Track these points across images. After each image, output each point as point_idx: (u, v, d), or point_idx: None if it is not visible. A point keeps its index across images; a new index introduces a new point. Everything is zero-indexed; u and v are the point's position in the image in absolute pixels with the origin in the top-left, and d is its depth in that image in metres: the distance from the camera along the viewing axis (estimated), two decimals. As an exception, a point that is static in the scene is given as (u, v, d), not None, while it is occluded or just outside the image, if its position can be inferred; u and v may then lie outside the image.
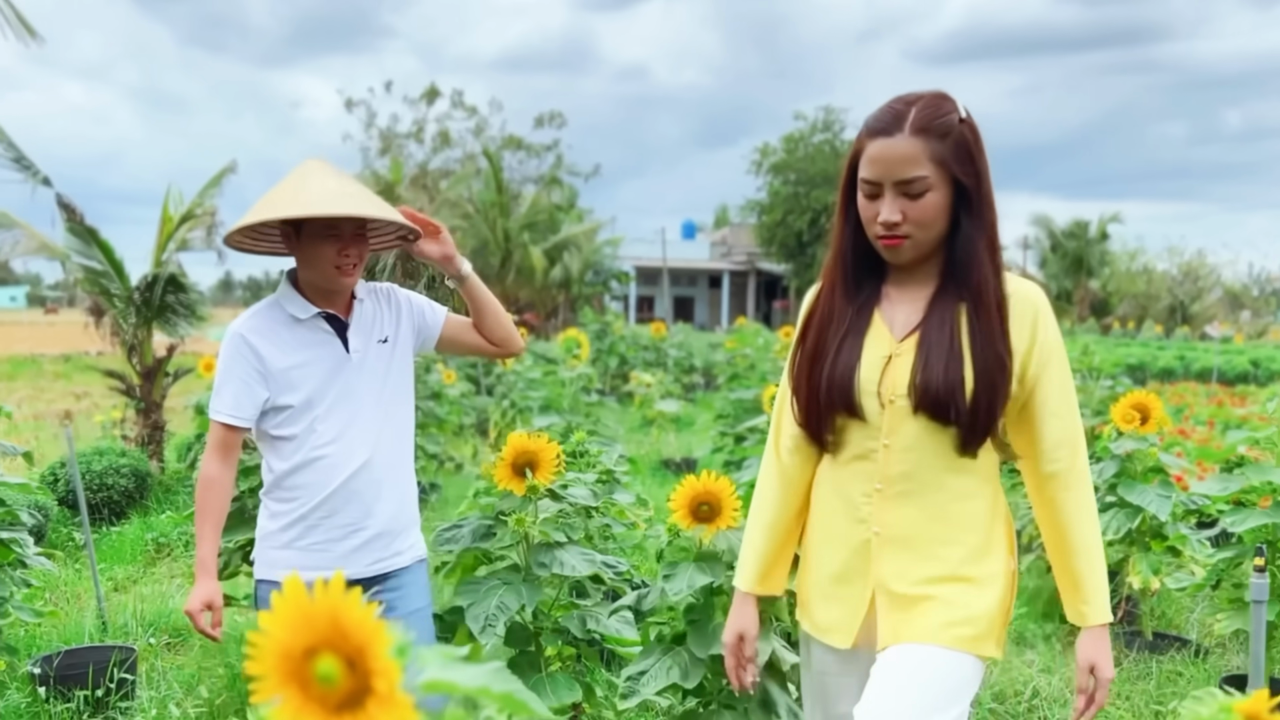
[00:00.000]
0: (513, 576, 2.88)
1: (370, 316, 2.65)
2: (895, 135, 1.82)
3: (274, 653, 0.77)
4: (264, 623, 0.78)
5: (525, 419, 7.55)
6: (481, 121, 35.36)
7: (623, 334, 16.11)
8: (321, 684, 0.76)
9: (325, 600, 0.76)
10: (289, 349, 2.54)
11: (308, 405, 2.53)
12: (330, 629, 0.77)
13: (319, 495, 2.54)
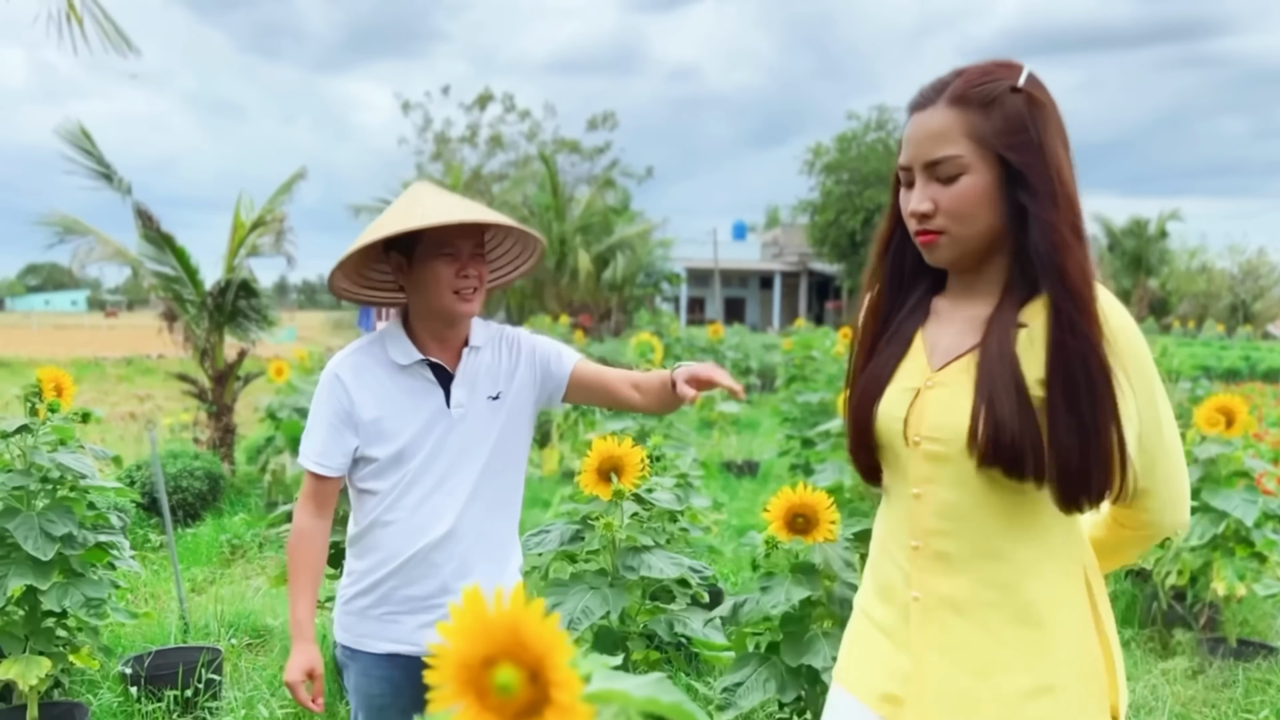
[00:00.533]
0: (598, 580, 2.89)
1: (483, 368, 2.34)
2: (929, 108, 1.51)
3: (453, 662, 0.78)
4: (443, 632, 0.79)
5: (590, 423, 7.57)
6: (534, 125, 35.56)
7: (678, 335, 16.11)
8: (500, 694, 0.77)
9: (505, 611, 0.77)
10: (384, 396, 2.27)
11: (397, 461, 2.26)
12: (510, 639, 0.77)
13: (392, 562, 2.28)
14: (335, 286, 2.31)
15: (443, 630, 0.79)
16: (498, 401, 2.32)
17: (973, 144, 1.46)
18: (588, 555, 3.09)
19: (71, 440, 3.60)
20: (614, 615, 2.84)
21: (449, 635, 0.78)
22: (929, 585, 1.56)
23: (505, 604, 0.76)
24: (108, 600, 3.46)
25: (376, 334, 2.33)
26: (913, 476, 1.57)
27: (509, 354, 2.38)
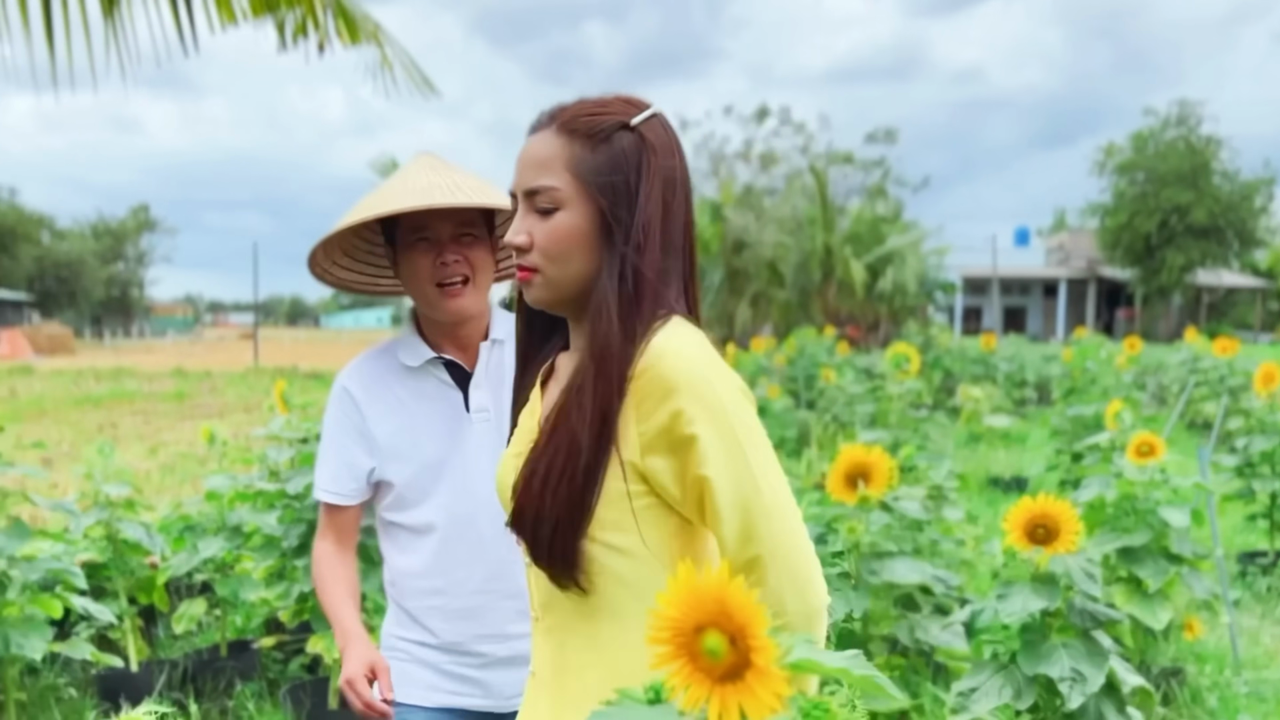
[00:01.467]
0: (841, 583, 2.98)
1: (510, 366, 1.85)
2: (540, 132, 1.36)
3: (669, 629, 0.94)
4: (662, 601, 0.95)
5: (847, 433, 7.61)
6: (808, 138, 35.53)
7: (949, 346, 15.73)
8: (708, 657, 0.93)
9: (713, 585, 0.92)
10: (396, 406, 1.98)
11: (423, 483, 1.95)
12: (717, 610, 0.93)
13: (444, 611, 1.96)
14: (323, 275, 2.08)
15: (662, 600, 0.95)
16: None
17: (573, 178, 1.33)
18: (833, 559, 3.19)
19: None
20: (855, 617, 2.93)
21: (668, 604, 0.94)
22: (543, 660, 1.42)
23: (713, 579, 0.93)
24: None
25: (389, 339, 2.09)
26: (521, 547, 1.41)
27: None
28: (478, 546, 1.91)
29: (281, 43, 4.42)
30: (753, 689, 0.92)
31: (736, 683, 0.94)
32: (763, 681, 0.92)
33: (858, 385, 9.09)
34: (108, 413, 16.72)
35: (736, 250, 22.10)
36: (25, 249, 55.57)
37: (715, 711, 0.93)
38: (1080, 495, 4.09)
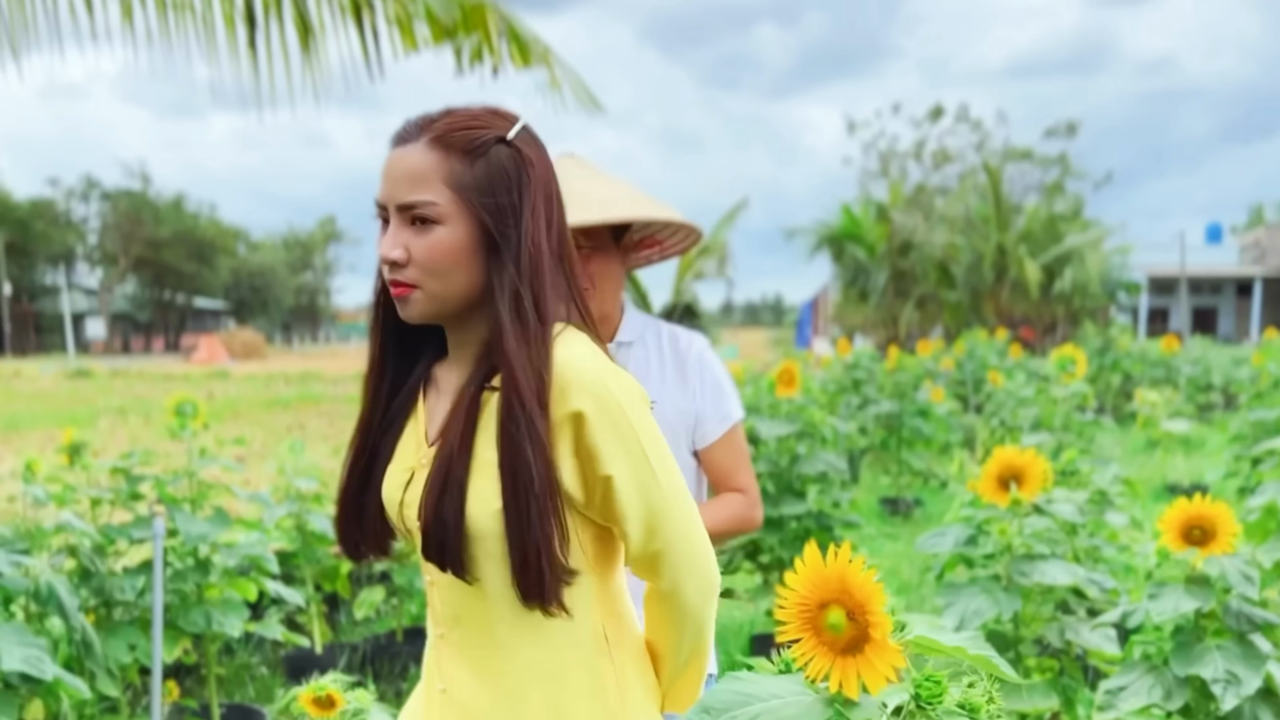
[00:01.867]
0: (992, 585, 3.00)
1: (636, 368, 2.04)
2: (410, 144, 1.34)
3: (795, 604, 1.05)
4: (789, 580, 1.05)
5: (1014, 437, 7.45)
6: (985, 135, 34.63)
7: (1128, 349, 15.13)
8: (830, 631, 1.03)
9: (836, 565, 1.02)
10: None
11: None
12: (839, 588, 1.03)
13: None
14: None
15: (789, 579, 1.06)
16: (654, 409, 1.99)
17: (452, 193, 1.33)
18: (984, 560, 3.20)
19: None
20: (1005, 618, 2.94)
21: (794, 583, 1.05)
22: (450, 676, 1.43)
23: (836, 558, 1.03)
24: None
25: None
26: (423, 563, 1.42)
27: (674, 360, 2.10)
28: None
29: (459, 67, 4.69)
30: (871, 661, 1.02)
31: (856, 655, 1.04)
32: (880, 654, 1.02)
33: (1029, 389, 8.89)
34: (296, 414, 17.63)
35: (903, 251, 21.77)
36: (223, 260, 59.14)
37: (836, 681, 1.03)
38: (1253, 501, 3.96)
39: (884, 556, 6.57)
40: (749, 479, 2.16)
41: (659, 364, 2.08)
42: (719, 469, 2.13)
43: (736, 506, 2.12)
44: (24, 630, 2.79)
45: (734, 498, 2.13)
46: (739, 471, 2.14)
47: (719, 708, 1.10)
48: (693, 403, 2.07)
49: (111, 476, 3.71)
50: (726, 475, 2.13)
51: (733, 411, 2.12)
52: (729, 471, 2.13)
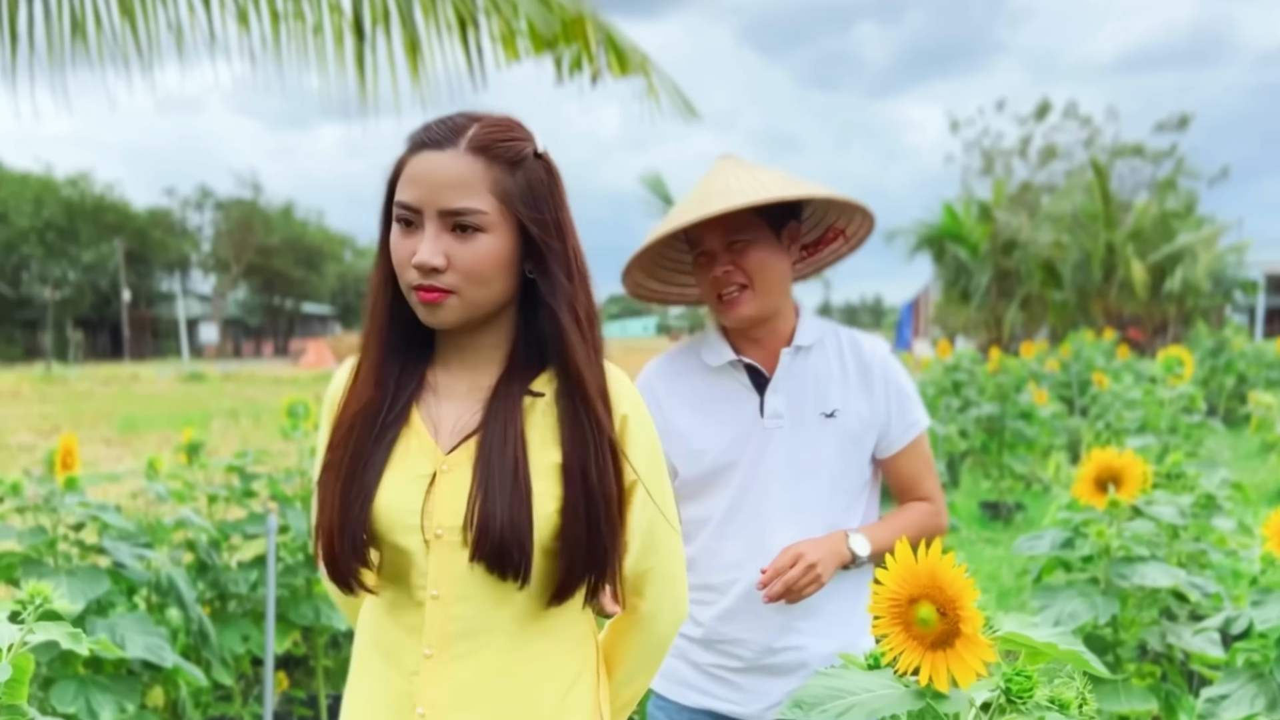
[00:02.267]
0: (1089, 588, 2.96)
1: (815, 373, 2.00)
2: (446, 150, 1.33)
3: (886, 599, 1.07)
4: (880, 576, 1.07)
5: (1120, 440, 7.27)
6: (1094, 131, 33.72)
7: (1243, 350, 14.61)
8: (920, 625, 1.06)
9: (927, 561, 1.05)
10: (693, 404, 2.00)
11: (708, 481, 1.97)
12: (930, 583, 1.05)
13: (712, 608, 1.99)
14: (633, 287, 2.13)
15: (880, 574, 1.08)
16: (833, 421, 1.97)
17: (498, 202, 1.34)
18: (1082, 563, 3.15)
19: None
20: (1101, 621, 2.90)
21: (885, 579, 1.07)
22: (436, 695, 1.39)
23: (927, 554, 1.05)
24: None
25: (695, 337, 2.12)
26: (433, 575, 1.38)
27: (857, 369, 2.01)
28: (755, 552, 1.91)
29: (559, 76, 4.78)
30: (961, 655, 1.04)
31: (946, 650, 1.06)
32: (970, 649, 1.04)
33: (1136, 390, 8.68)
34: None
35: (1007, 251, 21.35)
36: (330, 266, 60.66)
37: (926, 674, 1.05)
38: (1371, 507, 3.83)
39: (983, 561, 6.48)
40: (934, 486, 2.11)
41: (840, 369, 2.00)
42: (905, 477, 2.07)
43: (926, 515, 2.07)
44: (146, 620, 2.93)
45: (922, 506, 2.09)
46: (925, 479, 2.08)
47: (811, 701, 1.12)
48: (878, 410, 1.99)
49: (226, 475, 3.88)
50: (913, 484, 2.08)
51: (919, 419, 2.05)
52: (915, 480, 2.08)
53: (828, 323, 2.06)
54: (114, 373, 34.72)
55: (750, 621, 1.96)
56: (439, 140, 1.34)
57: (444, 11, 4.35)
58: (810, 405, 1.96)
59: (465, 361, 1.44)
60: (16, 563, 2.84)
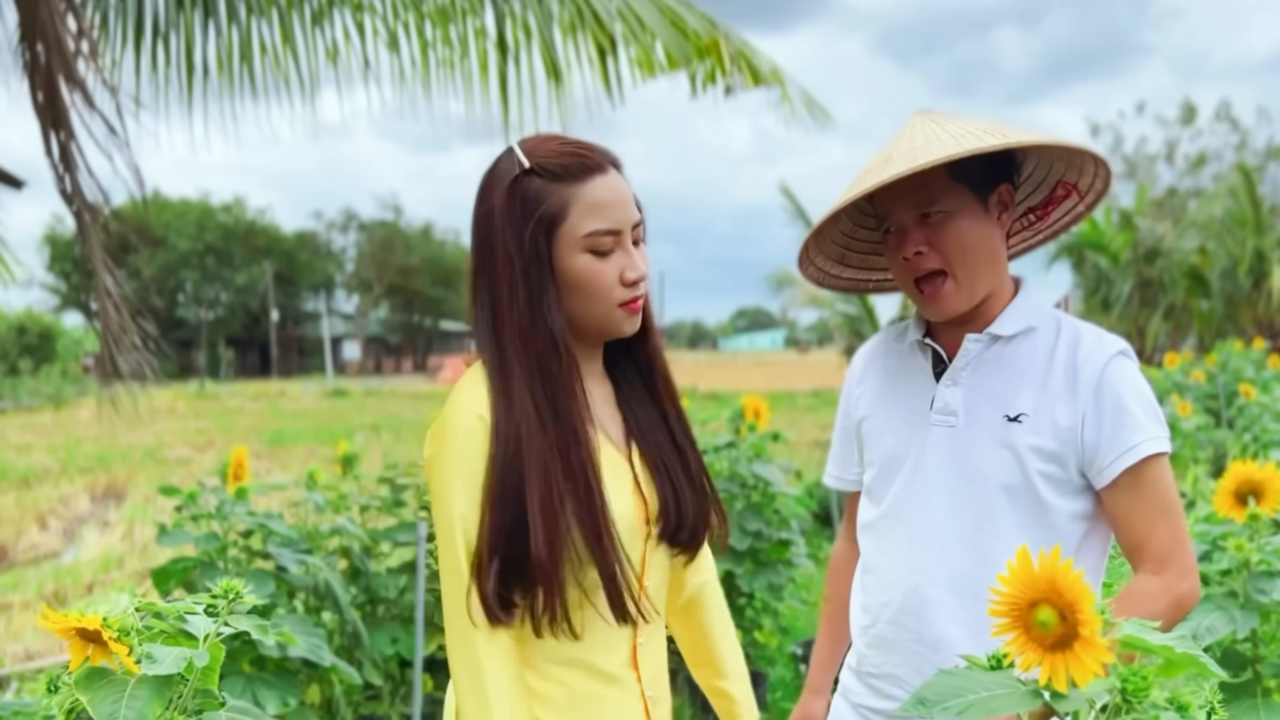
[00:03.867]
0: (1227, 602, 2.92)
1: (1006, 368, 1.61)
2: (610, 171, 1.41)
3: (1007, 603, 1.13)
4: (1001, 580, 1.11)
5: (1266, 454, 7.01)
6: (1244, 134, 32.32)
7: None
8: (1040, 629, 1.10)
9: (1046, 567, 1.10)
10: (879, 388, 1.76)
11: (880, 482, 1.71)
12: (1049, 588, 1.10)
13: (871, 616, 1.71)
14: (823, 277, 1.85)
15: (1001, 579, 1.13)
16: (1018, 426, 1.56)
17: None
18: (1221, 576, 3.11)
19: (764, 455, 4.38)
20: (1240, 635, 2.86)
21: (1006, 583, 1.13)
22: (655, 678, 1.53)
23: (1047, 561, 1.11)
24: (785, 588, 4.16)
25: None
26: (649, 570, 1.49)
27: (1066, 370, 1.57)
28: (906, 571, 1.64)
29: (693, 91, 4.92)
30: (1079, 657, 1.08)
31: (1065, 651, 1.10)
32: (1088, 651, 1.08)
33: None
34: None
35: (1149, 259, 20.62)
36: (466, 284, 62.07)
37: (1045, 675, 1.10)
38: None
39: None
40: (1169, 541, 1.53)
41: (1046, 367, 1.59)
42: (1122, 525, 1.56)
43: (1151, 602, 1.49)
44: (306, 621, 3.13)
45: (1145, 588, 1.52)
46: (1152, 532, 1.53)
47: (934, 699, 1.19)
48: (1080, 422, 1.55)
49: (377, 485, 4.10)
50: (1133, 536, 1.55)
51: (1140, 443, 1.52)
52: (1135, 530, 1.55)
53: (1051, 311, 1.66)
54: (262, 389, 36.26)
55: (902, 656, 1.64)
56: (598, 164, 1.40)
57: (585, 44, 4.52)
58: (995, 405, 1.59)
59: (594, 369, 1.53)
60: (192, 566, 3.08)
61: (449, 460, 1.38)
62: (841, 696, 1.81)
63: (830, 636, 1.91)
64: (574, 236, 1.38)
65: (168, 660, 1.39)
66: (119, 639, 1.37)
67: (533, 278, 1.39)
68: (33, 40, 3.51)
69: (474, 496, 1.37)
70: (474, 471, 1.37)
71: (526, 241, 1.38)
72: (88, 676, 1.38)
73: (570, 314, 1.42)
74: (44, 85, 3.54)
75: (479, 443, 1.38)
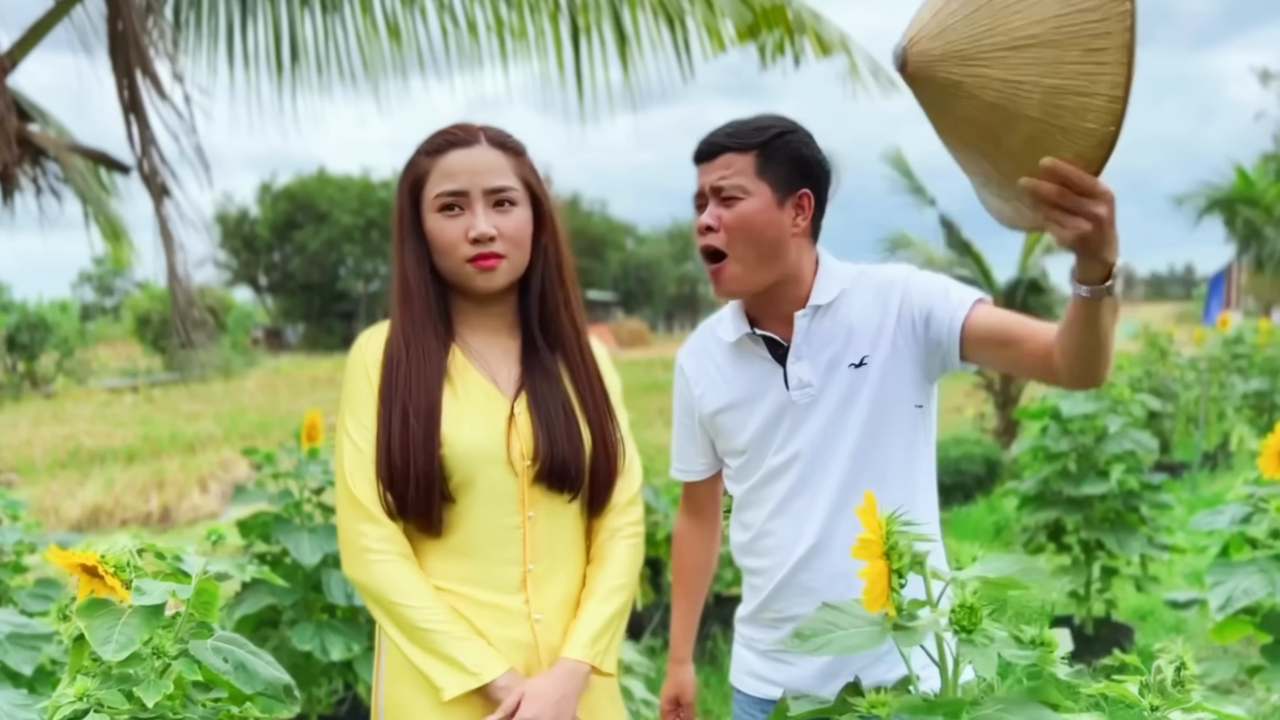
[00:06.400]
0: (1271, 564, 2.88)
1: (837, 330, 1.79)
2: (473, 146, 1.68)
3: (864, 545, 1.23)
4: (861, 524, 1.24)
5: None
6: None
7: None
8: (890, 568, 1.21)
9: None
10: (723, 381, 1.89)
11: (749, 461, 1.87)
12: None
13: (767, 587, 1.87)
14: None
15: (861, 519, 1.25)
16: (862, 369, 1.76)
17: (520, 182, 1.71)
18: (1270, 538, 3.06)
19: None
20: (1279, 598, 2.83)
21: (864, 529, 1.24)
22: (546, 605, 1.71)
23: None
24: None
25: (723, 309, 1.93)
26: (529, 498, 1.70)
27: (878, 304, 1.77)
28: (797, 527, 1.82)
29: (762, 63, 4.98)
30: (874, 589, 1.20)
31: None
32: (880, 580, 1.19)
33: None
34: (668, 397, 18.53)
35: (1310, 213, 19.41)
36: (612, 254, 62.81)
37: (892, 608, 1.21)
38: None
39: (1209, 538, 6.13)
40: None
41: (869, 314, 1.79)
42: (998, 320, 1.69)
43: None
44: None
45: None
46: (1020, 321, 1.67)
47: (808, 633, 1.29)
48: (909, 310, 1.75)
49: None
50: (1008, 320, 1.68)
51: (970, 294, 1.74)
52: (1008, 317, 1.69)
53: (851, 267, 1.85)
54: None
55: (812, 596, 1.74)
56: (464, 140, 1.69)
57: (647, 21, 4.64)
58: (835, 362, 1.78)
59: (489, 322, 1.76)
60: (270, 520, 3.35)
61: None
62: (745, 647, 1.97)
63: (688, 607, 2.10)
64: (429, 198, 1.67)
65: (155, 592, 1.60)
66: (114, 573, 1.59)
67: (404, 234, 1.70)
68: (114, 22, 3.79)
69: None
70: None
71: (402, 204, 1.70)
72: (89, 606, 1.59)
73: (439, 269, 1.71)
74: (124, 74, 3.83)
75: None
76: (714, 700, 4.16)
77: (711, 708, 4.11)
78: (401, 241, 1.71)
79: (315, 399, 22.37)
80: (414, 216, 1.70)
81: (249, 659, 1.68)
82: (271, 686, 1.65)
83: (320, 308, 53.06)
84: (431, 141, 1.70)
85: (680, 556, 2.10)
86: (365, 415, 1.69)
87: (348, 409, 1.72)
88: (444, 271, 1.70)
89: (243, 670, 1.66)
